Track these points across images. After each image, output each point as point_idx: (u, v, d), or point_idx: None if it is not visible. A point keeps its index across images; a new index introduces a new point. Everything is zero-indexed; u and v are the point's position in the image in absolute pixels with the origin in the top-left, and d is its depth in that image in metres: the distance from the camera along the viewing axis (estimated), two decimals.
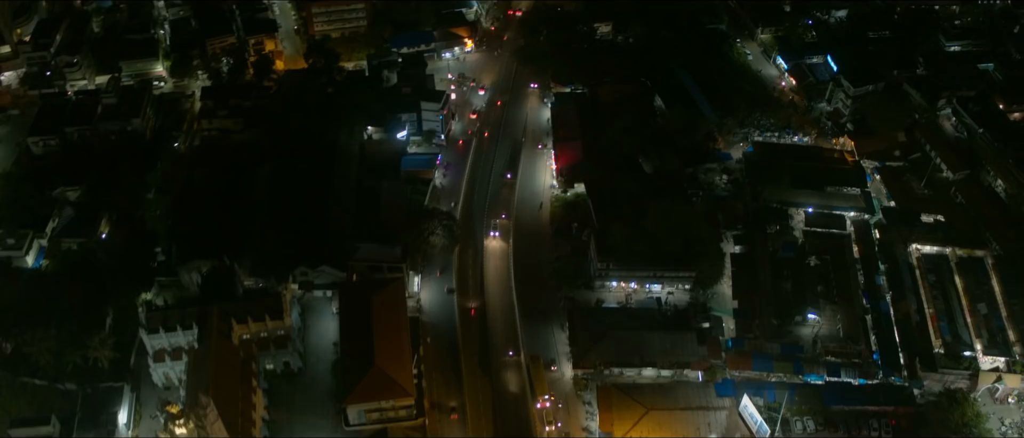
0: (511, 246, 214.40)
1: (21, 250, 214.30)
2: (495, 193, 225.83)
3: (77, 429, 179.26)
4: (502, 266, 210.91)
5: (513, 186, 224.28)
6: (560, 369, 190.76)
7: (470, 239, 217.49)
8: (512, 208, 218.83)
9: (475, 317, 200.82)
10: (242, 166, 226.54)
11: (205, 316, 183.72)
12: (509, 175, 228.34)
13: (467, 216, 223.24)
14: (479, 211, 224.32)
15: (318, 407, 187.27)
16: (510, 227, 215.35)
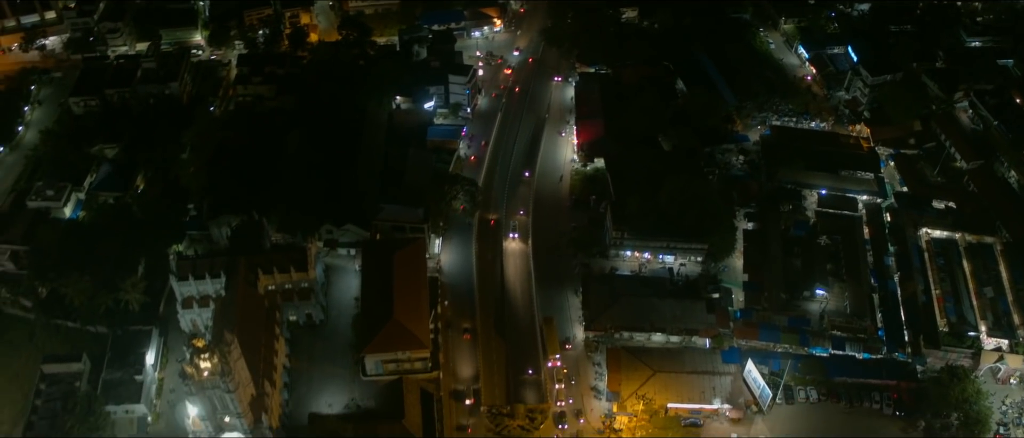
0: (530, 219, 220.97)
1: (60, 201, 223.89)
2: (513, 190, 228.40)
3: (107, 368, 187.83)
4: (521, 240, 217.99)
5: (531, 184, 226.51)
6: (573, 338, 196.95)
7: (490, 207, 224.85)
8: (529, 205, 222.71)
9: (493, 281, 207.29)
10: (274, 130, 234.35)
11: (233, 266, 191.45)
12: (527, 173, 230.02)
13: (488, 186, 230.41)
14: (501, 181, 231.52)
15: (338, 357, 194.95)
16: (528, 223, 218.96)
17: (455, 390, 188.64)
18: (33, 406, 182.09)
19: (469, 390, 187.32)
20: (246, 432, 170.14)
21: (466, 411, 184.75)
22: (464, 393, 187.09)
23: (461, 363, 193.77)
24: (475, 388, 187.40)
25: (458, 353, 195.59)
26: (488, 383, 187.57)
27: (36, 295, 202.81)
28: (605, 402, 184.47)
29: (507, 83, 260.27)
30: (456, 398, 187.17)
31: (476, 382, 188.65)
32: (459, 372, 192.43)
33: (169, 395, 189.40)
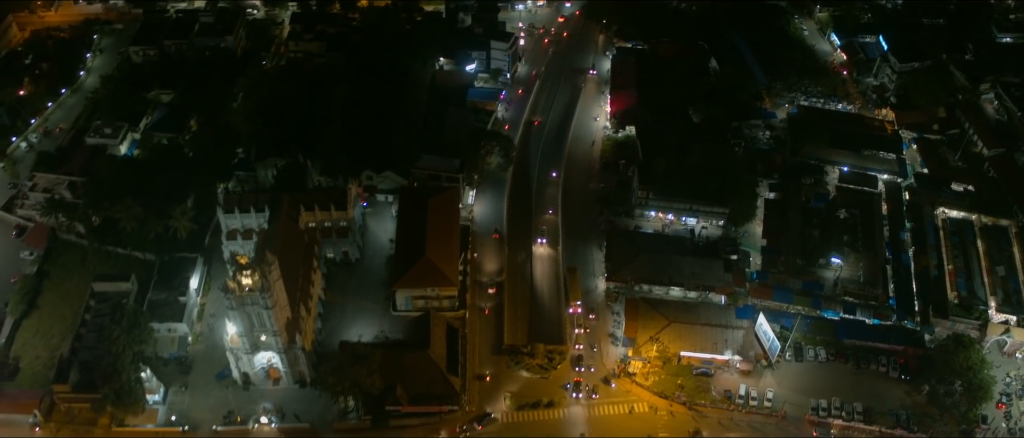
0: (561, 176, 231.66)
1: (116, 139, 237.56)
2: (541, 189, 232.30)
3: (153, 290, 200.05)
4: (553, 193, 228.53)
5: (558, 184, 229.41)
6: (595, 289, 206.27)
7: (522, 165, 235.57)
8: (558, 204, 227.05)
9: (524, 234, 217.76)
10: (322, 85, 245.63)
11: (276, 201, 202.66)
12: (554, 173, 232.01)
13: (524, 145, 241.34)
14: (535, 143, 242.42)
15: (370, 293, 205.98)
16: (558, 222, 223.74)
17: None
18: (82, 320, 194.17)
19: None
20: (280, 351, 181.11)
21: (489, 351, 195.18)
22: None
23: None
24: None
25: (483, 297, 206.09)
26: (512, 324, 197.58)
27: (90, 222, 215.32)
28: (621, 348, 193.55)
29: (547, 53, 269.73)
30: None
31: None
32: (483, 317, 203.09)
33: (209, 319, 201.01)
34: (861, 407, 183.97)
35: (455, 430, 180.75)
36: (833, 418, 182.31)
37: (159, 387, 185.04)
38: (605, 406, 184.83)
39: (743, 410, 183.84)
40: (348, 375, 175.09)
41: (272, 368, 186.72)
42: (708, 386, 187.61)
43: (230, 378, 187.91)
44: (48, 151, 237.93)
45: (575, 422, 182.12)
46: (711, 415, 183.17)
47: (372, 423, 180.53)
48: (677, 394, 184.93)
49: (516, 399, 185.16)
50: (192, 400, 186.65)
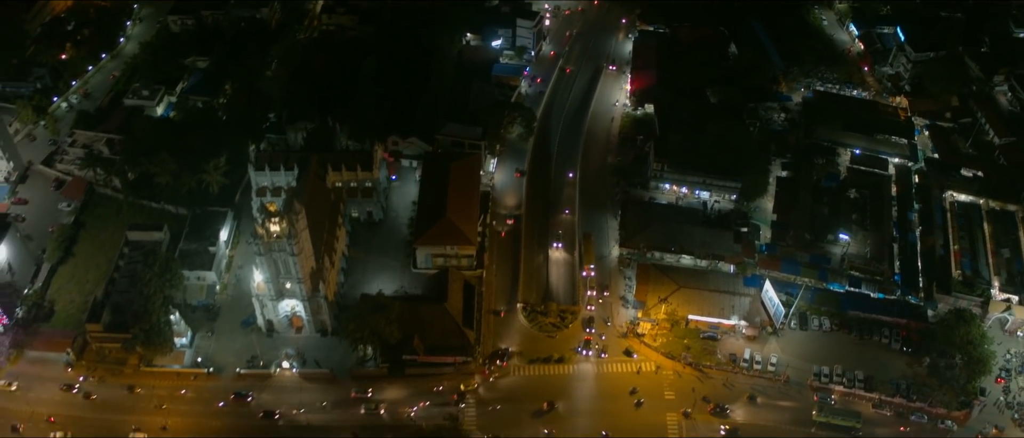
0: (580, 150, 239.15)
1: (153, 101, 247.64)
2: (558, 191, 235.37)
3: (184, 240, 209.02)
4: (572, 166, 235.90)
5: (575, 185, 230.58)
6: (608, 255, 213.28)
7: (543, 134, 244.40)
8: (575, 205, 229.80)
9: (539, 201, 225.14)
10: (352, 56, 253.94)
11: (305, 161, 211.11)
12: (571, 174, 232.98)
13: (546, 117, 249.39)
14: (557, 118, 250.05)
15: (392, 251, 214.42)
16: (574, 222, 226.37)
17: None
18: (116, 266, 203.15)
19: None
20: (303, 299, 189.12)
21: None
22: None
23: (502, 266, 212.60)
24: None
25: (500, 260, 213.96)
26: (527, 284, 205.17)
27: (125, 177, 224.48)
28: (631, 310, 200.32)
29: (571, 33, 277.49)
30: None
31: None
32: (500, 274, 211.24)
33: (237, 270, 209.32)
34: (862, 375, 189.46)
35: (483, 372, 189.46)
36: (834, 384, 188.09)
37: (187, 331, 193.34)
38: (613, 365, 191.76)
39: (747, 373, 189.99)
40: (367, 323, 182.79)
41: (295, 316, 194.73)
42: (714, 349, 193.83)
43: (255, 325, 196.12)
44: (87, 110, 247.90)
45: (584, 378, 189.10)
46: (716, 377, 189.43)
47: (389, 371, 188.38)
48: (684, 355, 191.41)
49: (528, 354, 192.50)
50: (218, 345, 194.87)
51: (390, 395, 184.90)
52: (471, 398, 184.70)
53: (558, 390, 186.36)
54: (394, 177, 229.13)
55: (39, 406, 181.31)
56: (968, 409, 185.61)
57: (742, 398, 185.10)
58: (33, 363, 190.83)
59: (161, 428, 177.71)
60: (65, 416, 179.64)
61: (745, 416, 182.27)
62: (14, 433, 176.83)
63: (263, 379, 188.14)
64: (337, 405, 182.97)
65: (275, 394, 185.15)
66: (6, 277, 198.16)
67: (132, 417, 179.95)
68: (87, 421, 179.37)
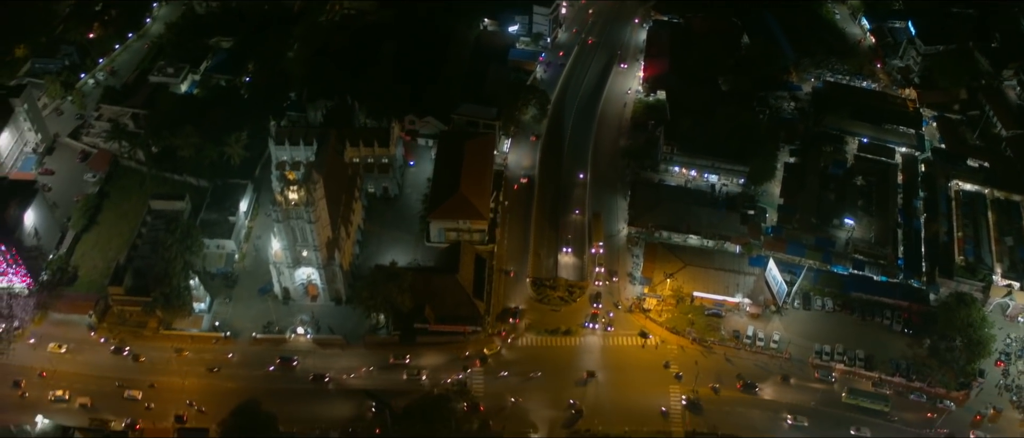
0: (593, 133, 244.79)
1: (177, 78, 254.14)
2: (568, 192, 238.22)
3: (205, 210, 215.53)
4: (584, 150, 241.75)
5: (585, 186, 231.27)
6: (617, 233, 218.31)
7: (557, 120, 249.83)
8: (586, 206, 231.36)
9: (553, 181, 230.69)
10: (372, 40, 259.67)
11: (324, 136, 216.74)
12: (582, 175, 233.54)
13: (559, 103, 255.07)
14: (570, 103, 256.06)
15: (406, 226, 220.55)
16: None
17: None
18: (139, 233, 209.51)
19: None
20: (319, 267, 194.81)
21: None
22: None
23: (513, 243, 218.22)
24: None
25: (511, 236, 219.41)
26: (537, 260, 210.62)
27: (149, 150, 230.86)
28: (638, 286, 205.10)
29: (586, 21, 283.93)
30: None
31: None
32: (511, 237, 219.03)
33: (256, 241, 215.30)
34: (863, 354, 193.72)
35: (502, 333, 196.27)
36: (835, 362, 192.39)
37: (205, 297, 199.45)
38: (619, 337, 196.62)
39: (749, 349, 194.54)
40: (381, 291, 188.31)
41: (311, 284, 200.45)
42: (718, 326, 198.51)
43: (271, 293, 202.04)
44: (114, 87, 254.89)
45: (590, 349, 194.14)
46: (718, 351, 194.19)
47: (400, 339, 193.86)
48: (688, 330, 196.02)
49: (536, 326, 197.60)
50: (235, 311, 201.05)
51: (427, 361, 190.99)
52: (481, 366, 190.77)
53: (564, 361, 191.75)
54: (412, 163, 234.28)
55: (97, 371, 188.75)
56: (967, 390, 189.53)
57: (775, 377, 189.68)
58: (56, 324, 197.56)
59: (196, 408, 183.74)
60: (119, 378, 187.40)
61: (774, 394, 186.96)
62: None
63: (278, 344, 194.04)
64: (382, 370, 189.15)
65: (320, 359, 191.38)
66: (32, 241, 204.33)
67: (178, 379, 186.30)
68: (135, 382, 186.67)
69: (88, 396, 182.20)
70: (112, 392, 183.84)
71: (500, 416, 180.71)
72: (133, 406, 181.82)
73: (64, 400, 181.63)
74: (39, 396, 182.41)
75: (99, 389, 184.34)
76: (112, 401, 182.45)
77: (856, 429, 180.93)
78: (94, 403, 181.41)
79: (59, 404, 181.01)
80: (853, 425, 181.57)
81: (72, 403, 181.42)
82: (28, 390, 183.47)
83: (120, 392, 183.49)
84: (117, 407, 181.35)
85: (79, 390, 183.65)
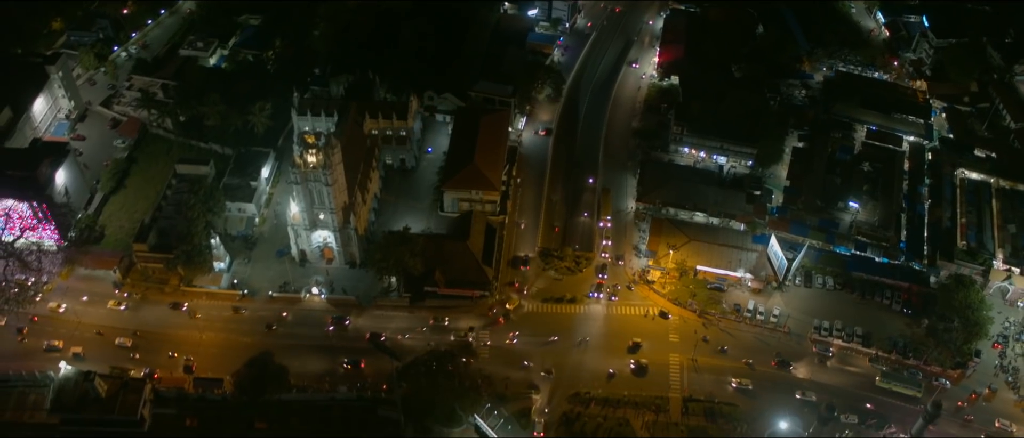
0: (607, 114, 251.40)
1: (207, 52, 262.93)
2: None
3: (228, 175, 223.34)
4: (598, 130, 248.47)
5: (594, 190, 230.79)
6: (625, 209, 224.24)
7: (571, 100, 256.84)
8: (595, 211, 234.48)
9: (564, 158, 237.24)
10: (394, 21, 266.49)
11: (345, 107, 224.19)
12: (591, 180, 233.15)
13: (575, 84, 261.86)
14: (586, 86, 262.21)
15: (421, 197, 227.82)
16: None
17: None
18: (164, 195, 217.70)
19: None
20: (335, 230, 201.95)
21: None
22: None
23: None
24: None
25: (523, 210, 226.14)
26: (547, 231, 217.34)
27: (177, 119, 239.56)
28: (643, 259, 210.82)
29: (604, 8, 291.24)
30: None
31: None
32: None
33: (276, 206, 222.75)
34: (861, 331, 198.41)
35: (515, 285, 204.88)
36: (834, 338, 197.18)
37: (225, 256, 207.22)
38: (622, 307, 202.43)
39: (750, 322, 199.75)
40: (393, 255, 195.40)
41: (327, 248, 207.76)
42: (719, 299, 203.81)
43: (289, 255, 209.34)
44: (145, 59, 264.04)
45: (594, 317, 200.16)
46: (719, 324, 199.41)
47: (410, 301, 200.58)
48: (690, 302, 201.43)
49: (542, 294, 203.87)
50: (253, 271, 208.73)
51: (464, 323, 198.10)
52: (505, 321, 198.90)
53: (565, 327, 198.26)
54: (429, 150, 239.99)
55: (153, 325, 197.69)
56: (962, 369, 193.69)
57: (810, 357, 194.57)
58: (82, 279, 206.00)
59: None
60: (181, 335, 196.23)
61: (808, 373, 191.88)
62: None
63: (293, 302, 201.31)
64: (434, 330, 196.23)
65: (372, 320, 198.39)
66: (62, 199, 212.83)
67: (242, 338, 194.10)
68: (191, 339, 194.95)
69: (81, 345, 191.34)
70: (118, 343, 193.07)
71: (503, 378, 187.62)
72: (123, 353, 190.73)
73: (57, 348, 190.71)
74: (36, 344, 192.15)
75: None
76: (105, 349, 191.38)
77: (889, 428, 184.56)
78: (85, 351, 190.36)
79: (52, 353, 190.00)
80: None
81: (66, 352, 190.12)
82: (28, 337, 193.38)
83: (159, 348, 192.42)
84: (110, 355, 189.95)
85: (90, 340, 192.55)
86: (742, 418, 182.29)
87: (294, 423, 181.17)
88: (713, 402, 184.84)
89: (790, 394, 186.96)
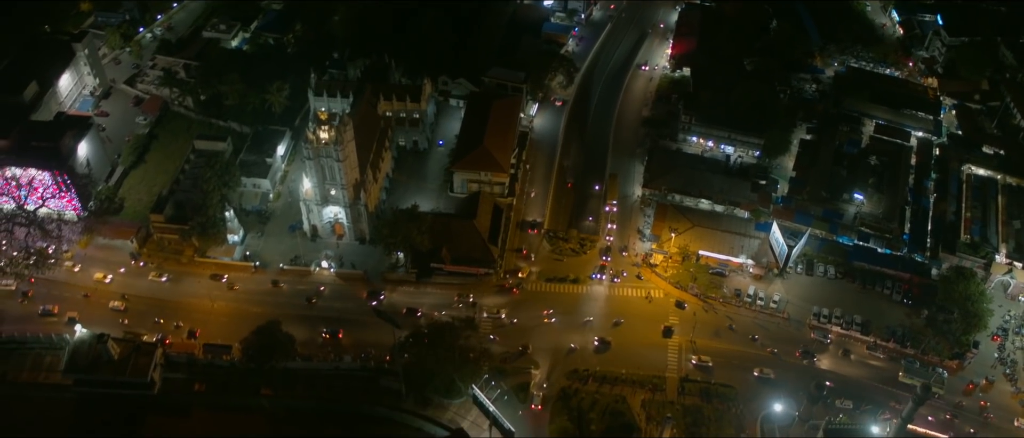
0: (618, 102, 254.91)
1: (229, 35, 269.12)
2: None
3: (245, 151, 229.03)
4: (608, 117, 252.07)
5: (601, 198, 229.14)
6: (632, 195, 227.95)
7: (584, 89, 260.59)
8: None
9: (574, 145, 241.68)
10: (413, 7, 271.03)
11: (360, 89, 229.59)
12: (598, 186, 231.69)
13: (589, 73, 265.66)
14: (599, 75, 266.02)
15: (432, 178, 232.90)
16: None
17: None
18: (182, 169, 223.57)
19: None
20: (345, 205, 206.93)
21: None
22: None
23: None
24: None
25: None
26: (554, 215, 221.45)
27: (198, 97, 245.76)
28: (647, 243, 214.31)
29: None
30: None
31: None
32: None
33: (290, 184, 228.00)
34: (860, 319, 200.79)
35: (524, 251, 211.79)
36: (832, 325, 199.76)
37: (239, 229, 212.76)
38: (625, 289, 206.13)
39: (750, 307, 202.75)
40: (401, 230, 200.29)
41: (338, 223, 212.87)
42: (721, 284, 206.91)
43: (301, 230, 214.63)
44: (169, 40, 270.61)
45: (596, 298, 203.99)
46: (719, 308, 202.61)
47: (417, 277, 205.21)
48: (691, 286, 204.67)
49: (545, 273, 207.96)
50: (266, 245, 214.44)
51: (490, 301, 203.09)
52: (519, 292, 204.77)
53: (568, 304, 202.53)
54: (441, 143, 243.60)
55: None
56: (960, 360, 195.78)
57: (835, 350, 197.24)
58: (100, 248, 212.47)
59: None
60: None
61: (832, 365, 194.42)
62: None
63: (303, 275, 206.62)
64: (468, 306, 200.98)
65: (407, 296, 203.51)
66: (84, 171, 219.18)
67: (276, 311, 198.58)
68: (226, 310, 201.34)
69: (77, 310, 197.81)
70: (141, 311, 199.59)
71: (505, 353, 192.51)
72: (116, 316, 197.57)
73: (52, 313, 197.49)
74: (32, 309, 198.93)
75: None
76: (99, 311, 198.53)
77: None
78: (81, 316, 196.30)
79: (47, 316, 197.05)
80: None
81: (61, 316, 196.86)
82: (27, 300, 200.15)
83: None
84: (104, 319, 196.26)
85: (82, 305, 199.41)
86: (737, 399, 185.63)
87: (299, 390, 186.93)
88: (709, 383, 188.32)
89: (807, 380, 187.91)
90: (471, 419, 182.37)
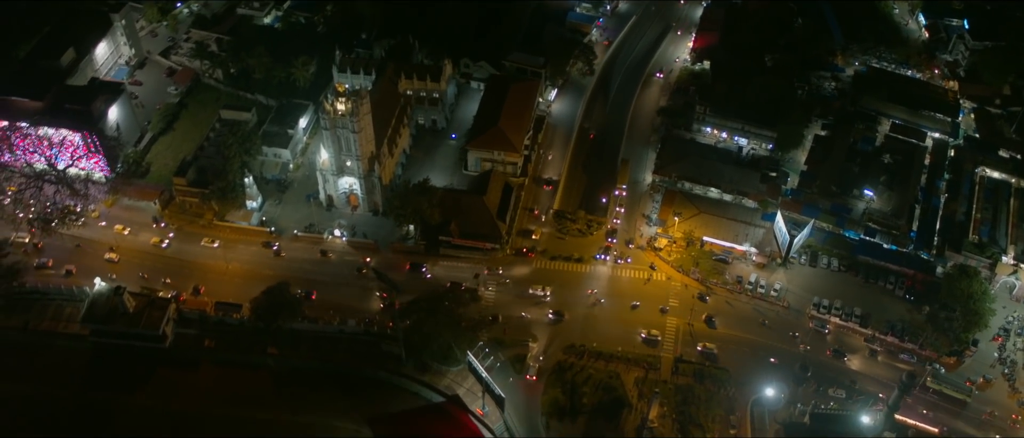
0: (636, 92, 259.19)
1: (262, 12, 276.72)
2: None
3: (268, 123, 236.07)
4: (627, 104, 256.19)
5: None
6: (642, 181, 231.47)
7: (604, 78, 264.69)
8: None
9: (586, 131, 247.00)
10: None
11: (382, 66, 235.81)
12: (605, 199, 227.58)
13: (609, 65, 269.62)
14: (619, 68, 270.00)
15: (447, 156, 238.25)
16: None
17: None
18: (207, 136, 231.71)
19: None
20: (360, 177, 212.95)
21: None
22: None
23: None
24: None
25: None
26: (565, 196, 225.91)
27: (228, 70, 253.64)
28: (653, 227, 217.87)
29: None
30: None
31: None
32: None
33: (311, 156, 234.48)
34: (859, 311, 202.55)
35: (535, 211, 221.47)
36: (832, 316, 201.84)
37: (258, 196, 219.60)
38: (627, 270, 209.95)
39: (750, 295, 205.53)
40: (412, 203, 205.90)
41: (352, 195, 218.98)
42: (723, 270, 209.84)
43: (316, 200, 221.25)
44: (205, 15, 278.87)
45: (598, 277, 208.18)
46: (720, 294, 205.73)
47: (425, 248, 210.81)
48: (693, 270, 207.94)
49: (550, 252, 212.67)
50: (283, 212, 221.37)
51: (515, 273, 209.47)
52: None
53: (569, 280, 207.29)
54: (454, 136, 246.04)
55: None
56: (958, 357, 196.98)
57: (863, 350, 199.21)
58: (125, 209, 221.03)
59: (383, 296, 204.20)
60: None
61: (860, 366, 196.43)
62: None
63: (316, 242, 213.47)
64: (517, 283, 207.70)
65: (446, 271, 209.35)
66: (113, 134, 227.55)
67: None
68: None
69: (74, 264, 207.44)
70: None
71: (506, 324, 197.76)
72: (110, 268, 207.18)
73: (47, 266, 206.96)
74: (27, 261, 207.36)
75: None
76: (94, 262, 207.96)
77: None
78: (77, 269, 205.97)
79: (43, 269, 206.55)
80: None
81: (58, 269, 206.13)
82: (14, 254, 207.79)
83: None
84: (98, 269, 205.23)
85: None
86: (730, 382, 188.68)
87: (304, 351, 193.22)
88: (703, 364, 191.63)
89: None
90: (467, 386, 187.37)
